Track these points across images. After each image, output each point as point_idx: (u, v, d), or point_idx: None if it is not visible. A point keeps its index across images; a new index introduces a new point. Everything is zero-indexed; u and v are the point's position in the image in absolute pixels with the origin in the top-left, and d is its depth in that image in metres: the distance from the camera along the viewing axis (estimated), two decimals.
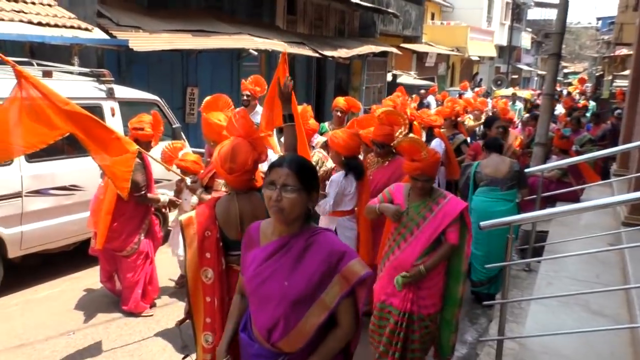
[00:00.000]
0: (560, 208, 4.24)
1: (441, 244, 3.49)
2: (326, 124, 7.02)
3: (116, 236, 4.68)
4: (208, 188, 4.11)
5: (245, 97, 6.70)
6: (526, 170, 5.47)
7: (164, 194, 5.01)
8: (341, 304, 2.02)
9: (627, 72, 20.40)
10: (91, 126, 3.89)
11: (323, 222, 4.58)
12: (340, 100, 6.81)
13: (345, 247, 2.08)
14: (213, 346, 2.82)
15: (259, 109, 6.50)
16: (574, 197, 6.60)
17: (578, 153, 7.46)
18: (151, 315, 4.92)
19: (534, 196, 5.61)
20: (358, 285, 2.02)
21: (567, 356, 3.43)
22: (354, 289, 2.02)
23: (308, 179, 2.02)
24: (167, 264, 5.67)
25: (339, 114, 6.71)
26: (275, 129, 5.52)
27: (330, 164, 5.13)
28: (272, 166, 2.04)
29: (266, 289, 2.06)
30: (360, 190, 4.43)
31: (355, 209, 4.54)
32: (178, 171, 4.86)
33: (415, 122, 6.89)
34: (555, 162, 6.14)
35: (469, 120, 10.06)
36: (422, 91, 16.79)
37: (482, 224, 3.68)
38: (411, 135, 6.38)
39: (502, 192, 5.11)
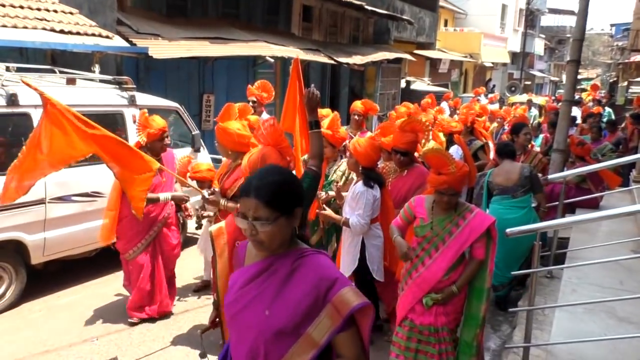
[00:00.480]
0: (584, 215, 4.22)
1: (465, 260, 3.41)
2: (344, 128, 7.02)
3: (120, 237, 4.79)
4: (235, 197, 3.99)
5: (251, 104, 6.37)
6: (549, 177, 5.42)
7: (165, 194, 4.89)
8: (338, 340, 1.71)
9: None
10: (115, 146, 4.00)
11: (347, 232, 4.42)
12: (357, 104, 6.85)
13: (337, 274, 1.75)
14: None
15: (265, 115, 6.44)
16: (594, 204, 6.56)
17: (597, 160, 7.40)
18: (137, 323, 4.84)
19: (556, 203, 5.58)
20: (358, 315, 1.70)
21: None
22: (352, 320, 1.71)
23: (284, 202, 1.72)
24: (194, 262, 5.86)
25: (356, 117, 6.75)
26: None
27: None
28: (241, 193, 1.77)
29: (246, 317, 1.77)
30: (383, 198, 4.38)
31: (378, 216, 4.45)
32: (194, 183, 4.86)
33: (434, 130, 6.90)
34: (576, 169, 6.10)
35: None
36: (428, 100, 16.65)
37: (508, 231, 3.67)
38: (433, 143, 6.40)
39: (514, 199, 5.09)
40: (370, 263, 4.31)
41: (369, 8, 16.20)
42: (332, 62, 13.96)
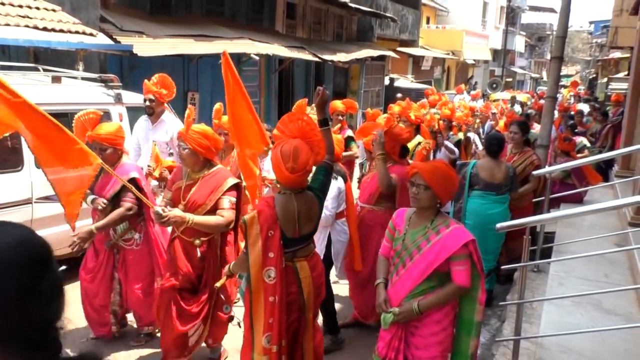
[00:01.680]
0: (570, 210, 4.29)
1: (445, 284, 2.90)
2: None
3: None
4: (210, 213, 3.62)
5: (147, 102, 5.48)
6: (534, 172, 5.50)
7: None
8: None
9: (621, 75, 20.62)
10: (47, 130, 3.28)
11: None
12: (338, 104, 6.87)
13: None
14: (271, 347, 2.92)
15: (167, 116, 5.71)
16: (578, 199, 6.67)
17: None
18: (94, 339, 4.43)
19: (542, 198, 5.66)
20: None
21: (583, 354, 3.48)
22: None
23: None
24: None
25: (339, 117, 6.77)
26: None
27: None
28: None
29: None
30: (347, 191, 4.36)
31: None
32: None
33: (423, 125, 6.94)
34: (561, 165, 6.20)
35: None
36: (399, 95, 16.54)
37: (498, 225, 3.71)
38: (419, 138, 6.44)
39: (497, 196, 5.16)
40: (335, 259, 4.36)
41: (353, 5, 16.25)
42: (317, 59, 13.98)
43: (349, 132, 6.83)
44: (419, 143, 6.28)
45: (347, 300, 5.01)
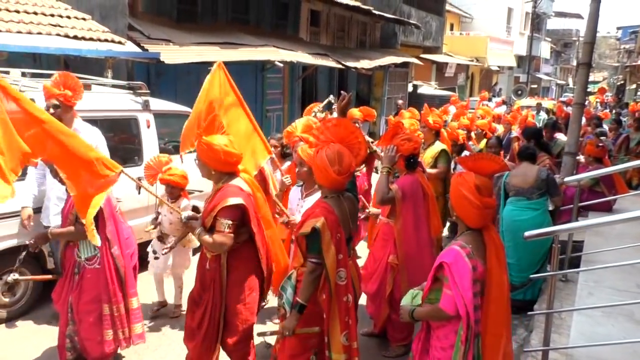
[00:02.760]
0: (601, 219, 4.22)
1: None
2: None
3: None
4: (212, 228, 3.47)
5: (52, 110, 4.35)
6: (565, 179, 5.44)
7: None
8: None
9: None
10: (71, 148, 3.37)
11: None
12: (355, 112, 6.82)
13: None
14: (351, 344, 3.12)
15: (80, 124, 4.76)
16: (607, 207, 6.55)
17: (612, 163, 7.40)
18: None
19: (571, 206, 5.58)
20: None
21: None
22: None
23: None
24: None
25: (356, 125, 6.67)
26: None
27: None
28: None
29: None
30: None
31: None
32: (152, 189, 4.33)
33: (442, 130, 6.89)
34: (590, 173, 6.09)
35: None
36: (400, 101, 16.23)
37: (526, 234, 3.66)
38: (440, 145, 6.35)
39: (529, 201, 5.13)
40: None
41: (376, 12, 16.26)
42: (340, 66, 14.01)
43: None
44: (442, 150, 6.22)
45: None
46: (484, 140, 7.91)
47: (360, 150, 3.20)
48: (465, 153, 6.96)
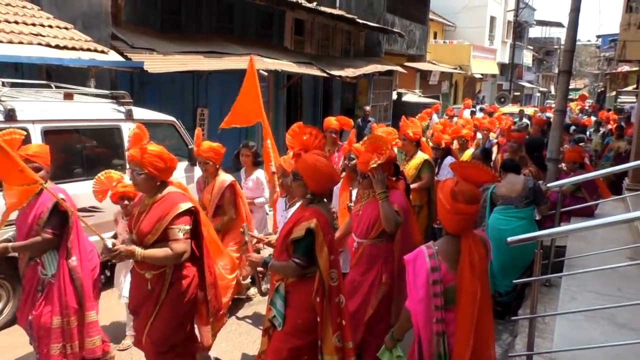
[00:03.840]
0: (582, 224, 4.26)
1: None
2: None
3: None
4: (159, 242, 3.29)
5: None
6: (547, 185, 5.51)
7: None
8: None
9: (630, 88, 20.59)
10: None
11: None
12: (332, 121, 6.66)
13: None
14: (344, 345, 3.18)
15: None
16: (589, 212, 6.62)
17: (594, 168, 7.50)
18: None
19: (553, 211, 5.64)
20: None
21: None
22: None
23: None
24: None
25: (333, 134, 6.55)
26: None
27: None
28: None
29: None
30: None
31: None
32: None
33: (423, 139, 6.90)
34: (572, 178, 6.16)
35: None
36: (367, 107, 15.45)
37: (509, 239, 3.69)
38: (422, 155, 6.33)
39: (516, 209, 5.17)
40: None
41: (360, 21, 16.36)
42: (325, 75, 14.05)
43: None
44: (424, 160, 6.22)
45: None
46: (469, 150, 7.90)
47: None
48: (450, 159, 6.96)
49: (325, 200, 3.38)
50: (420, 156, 6.22)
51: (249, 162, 5.90)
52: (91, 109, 5.86)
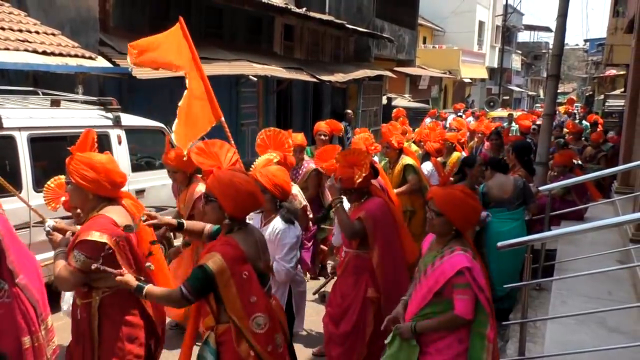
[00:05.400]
0: (573, 227, 4.28)
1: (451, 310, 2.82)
2: (310, 149, 6.85)
3: None
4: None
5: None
6: (539, 188, 5.53)
7: None
8: None
9: (618, 92, 20.76)
10: None
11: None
12: (322, 125, 6.72)
13: None
14: None
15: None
16: (579, 216, 6.65)
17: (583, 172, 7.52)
18: None
19: (543, 215, 5.65)
20: None
21: None
22: None
23: None
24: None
25: (322, 137, 6.56)
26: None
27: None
28: None
29: None
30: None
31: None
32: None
33: (407, 144, 6.90)
34: (561, 182, 6.19)
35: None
36: (349, 111, 15.36)
37: (499, 244, 3.69)
38: (406, 159, 6.29)
39: (509, 211, 5.18)
40: (296, 313, 3.92)
41: (350, 27, 16.40)
42: (314, 80, 14.06)
43: None
44: (406, 164, 6.16)
45: None
46: (455, 154, 7.86)
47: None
48: (428, 164, 6.86)
49: (248, 225, 2.83)
50: (403, 161, 6.20)
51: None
52: (78, 115, 5.80)
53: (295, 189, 5.62)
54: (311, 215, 5.19)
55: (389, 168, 6.23)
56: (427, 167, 6.72)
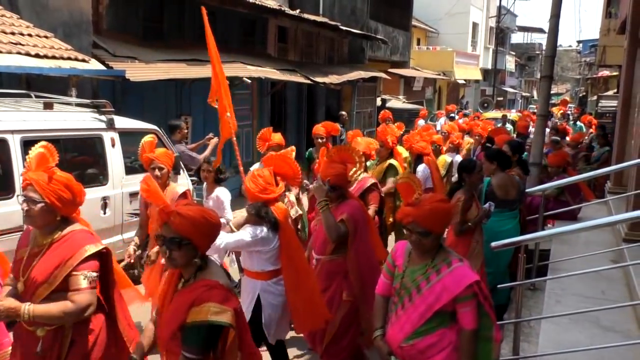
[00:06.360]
0: (566, 227, 4.30)
1: (449, 326, 2.78)
2: (311, 150, 7.11)
3: None
4: (58, 292, 2.63)
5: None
6: (527, 190, 5.55)
7: None
8: None
9: (611, 92, 20.88)
10: None
11: (243, 289, 3.86)
12: (319, 128, 6.84)
13: None
14: None
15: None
16: (572, 216, 6.68)
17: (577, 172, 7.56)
18: None
19: (536, 215, 5.67)
20: None
21: None
22: None
23: None
24: None
25: (320, 140, 6.71)
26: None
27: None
28: None
29: None
30: (284, 246, 3.64)
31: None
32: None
33: (398, 147, 6.92)
34: (555, 182, 6.22)
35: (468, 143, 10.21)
36: (343, 113, 15.36)
37: (492, 244, 3.71)
38: (392, 161, 6.33)
39: (510, 212, 5.24)
40: (266, 328, 3.71)
41: (344, 28, 16.41)
42: (309, 82, 14.06)
43: None
44: (389, 164, 6.22)
45: None
46: (441, 157, 7.88)
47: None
48: (424, 166, 6.88)
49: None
50: (389, 161, 6.28)
51: (210, 178, 5.47)
52: (72, 118, 5.79)
53: (292, 197, 5.66)
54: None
55: (375, 165, 6.32)
56: (420, 168, 6.74)
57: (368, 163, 6.23)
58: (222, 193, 5.42)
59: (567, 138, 11.47)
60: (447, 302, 2.68)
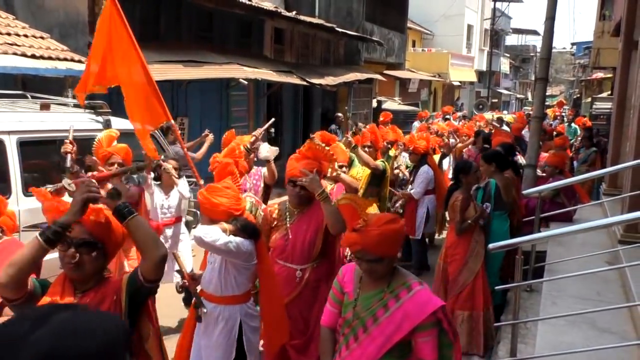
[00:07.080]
0: (562, 229, 4.32)
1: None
2: None
3: None
4: None
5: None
6: (524, 192, 5.58)
7: None
8: None
9: (605, 94, 20.97)
10: None
11: (214, 323, 3.38)
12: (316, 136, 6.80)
13: None
14: None
15: None
16: (568, 217, 6.70)
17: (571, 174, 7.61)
18: None
19: (532, 217, 5.69)
20: None
21: None
22: None
23: None
24: None
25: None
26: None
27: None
28: None
29: None
30: (258, 256, 3.35)
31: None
32: None
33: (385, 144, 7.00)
34: (551, 184, 6.24)
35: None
36: (339, 114, 15.61)
37: (490, 246, 3.73)
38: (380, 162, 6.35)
39: (505, 214, 5.27)
40: (248, 353, 3.42)
41: (340, 30, 16.44)
42: (305, 83, 14.07)
43: None
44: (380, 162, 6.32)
45: None
46: (434, 157, 7.96)
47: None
48: (427, 167, 6.93)
49: None
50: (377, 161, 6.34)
51: (167, 176, 5.33)
52: (68, 119, 5.76)
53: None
54: None
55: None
56: (424, 169, 6.80)
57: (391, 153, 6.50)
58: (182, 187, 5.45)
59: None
60: (409, 331, 2.35)
